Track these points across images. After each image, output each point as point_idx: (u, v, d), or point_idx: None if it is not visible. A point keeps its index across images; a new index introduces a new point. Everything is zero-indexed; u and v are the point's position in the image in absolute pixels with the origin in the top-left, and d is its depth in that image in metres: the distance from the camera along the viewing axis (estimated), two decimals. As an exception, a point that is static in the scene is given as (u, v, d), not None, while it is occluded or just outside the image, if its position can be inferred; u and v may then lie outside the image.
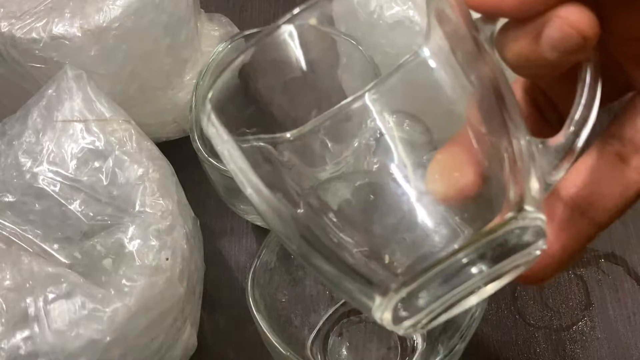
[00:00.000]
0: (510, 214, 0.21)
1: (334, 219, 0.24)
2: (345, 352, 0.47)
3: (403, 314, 0.22)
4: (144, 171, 0.41)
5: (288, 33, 0.24)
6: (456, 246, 0.21)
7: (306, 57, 0.25)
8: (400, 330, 0.22)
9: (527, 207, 0.21)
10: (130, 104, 0.46)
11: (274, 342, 0.37)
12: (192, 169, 0.47)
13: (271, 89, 0.26)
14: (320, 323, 0.47)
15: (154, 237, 0.39)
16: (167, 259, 0.39)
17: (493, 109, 0.22)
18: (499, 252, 0.21)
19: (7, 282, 0.35)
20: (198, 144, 0.44)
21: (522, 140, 0.22)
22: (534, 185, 0.22)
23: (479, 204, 0.22)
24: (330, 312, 0.47)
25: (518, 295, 0.50)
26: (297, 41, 0.24)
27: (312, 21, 0.23)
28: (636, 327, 0.48)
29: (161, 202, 0.41)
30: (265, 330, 0.37)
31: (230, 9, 0.66)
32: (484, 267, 0.21)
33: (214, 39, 0.56)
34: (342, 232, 0.23)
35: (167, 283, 0.38)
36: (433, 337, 0.44)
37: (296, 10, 0.22)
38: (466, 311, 0.38)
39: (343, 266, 0.23)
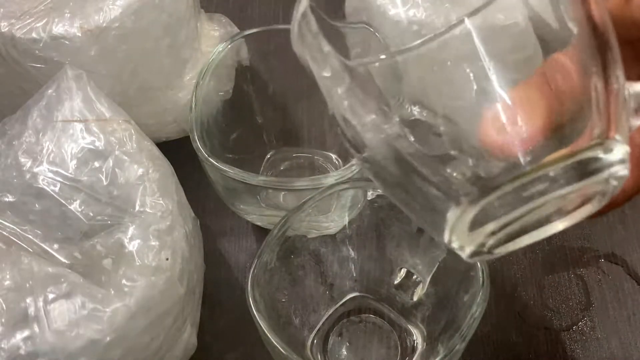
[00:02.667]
0: (597, 140, 0.22)
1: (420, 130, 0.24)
2: (345, 352, 0.47)
3: (480, 225, 0.23)
4: (144, 171, 0.41)
5: None
6: (542, 161, 0.22)
7: None
8: (471, 245, 0.23)
9: (617, 136, 0.22)
10: (130, 104, 0.46)
11: (274, 342, 0.37)
12: (192, 169, 0.47)
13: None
14: (320, 323, 0.47)
15: (154, 237, 0.39)
16: (167, 259, 0.39)
17: (591, 47, 0.23)
18: (581, 172, 0.22)
19: (7, 282, 0.35)
20: (198, 144, 0.44)
21: (621, 80, 0.23)
22: (625, 122, 0.23)
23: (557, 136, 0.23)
24: (330, 312, 0.47)
25: (518, 295, 0.50)
26: None
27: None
28: (636, 327, 0.48)
29: (161, 202, 0.41)
30: (265, 330, 0.37)
31: (230, 9, 0.66)
32: (565, 184, 0.22)
33: (214, 39, 0.56)
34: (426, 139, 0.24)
35: (167, 283, 0.38)
36: (433, 337, 0.44)
37: None
38: (466, 311, 0.38)
39: (420, 181, 0.24)
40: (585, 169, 0.22)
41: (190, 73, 0.53)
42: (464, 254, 0.24)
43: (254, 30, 0.49)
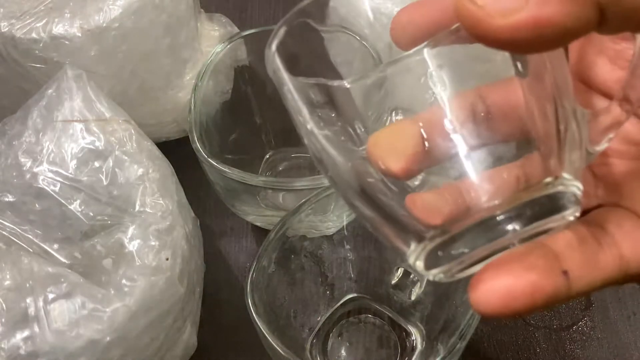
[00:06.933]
0: (549, 179, 0.22)
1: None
2: (344, 353, 0.47)
3: (436, 261, 0.23)
4: (144, 171, 0.41)
5: None
6: (496, 202, 0.22)
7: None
8: (430, 276, 0.24)
9: (565, 175, 0.22)
10: (130, 104, 0.46)
11: (273, 344, 0.37)
12: (192, 169, 0.47)
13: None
14: (320, 324, 0.47)
15: (154, 237, 0.39)
16: (167, 259, 0.39)
17: (541, 76, 0.23)
18: (534, 212, 0.22)
19: (7, 282, 0.35)
20: (197, 145, 0.44)
21: (569, 108, 0.23)
22: (575, 154, 0.23)
23: (518, 165, 0.23)
24: (329, 313, 0.47)
25: (518, 295, 0.50)
26: None
27: None
28: (636, 327, 0.48)
29: (161, 202, 0.41)
30: (264, 332, 0.37)
31: (230, 9, 0.66)
32: (518, 227, 0.22)
33: (213, 39, 0.56)
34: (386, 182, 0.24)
35: (167, 283, 0.38)
36: (432, 337, 0.44)
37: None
38: (465, 310, 0.38)
39: (383, 213, 0.24)
40: (542, 209, 0.22)
41: (190, 73, 0.53)
42: (428, 276, 0.24)
43: (253, 30, 0.49)
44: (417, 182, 0.24)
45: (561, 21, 0.18)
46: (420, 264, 0.23)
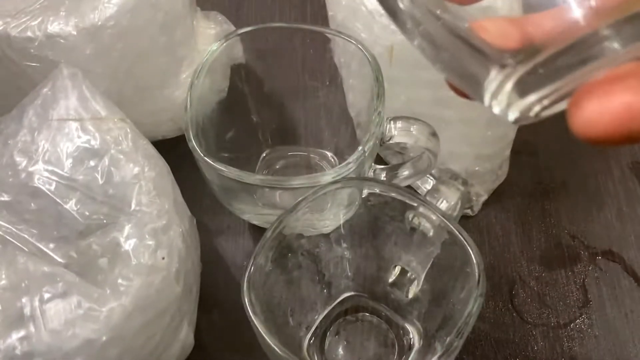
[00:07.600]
0: None
1: None
2: (342, 352, 0.46)
3: (525, 87, 0.20)
4: (140, 170, 0.41)
5: None
6: (590, 19, 0.19)
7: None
8: (515, 112, 0.21)
9: None
10: (126, 103, 0.46)
11: (270, 344, 0.37)
12: (188, 167, 0.46)
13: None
14: (317, 323, 0.47)
15: (150, 236, 0.39)
16: (163, 258, 0.39)
17: None
18: (637, 29, 0.19)
19: (3, 282, 0.35)
20: (193, 143, 0.44)
21: None
22: None
23: None
24: (326, 311, 0.47)
25: (515, 293, 0.50)
26: None
27: None
28: (634, 325, 0.48)
29: (157, 201, 0.40)
30: (261, 332, 0.37)
31: (226, 6, 0.66)
32: (619, 44, 0.19)
33: (210, 37, 0.56)
34: None
35: (163, 282, 0.38)
36: (430, 335, 0.44)
37: None
38: (463, 307, 0.38)
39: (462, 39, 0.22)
40: None
41: (187, 71, 0.53)
42: (508, 118, 0.22)
43: (249, 28, 0.49)
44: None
45: None
46: (503, 98, 0.21)
